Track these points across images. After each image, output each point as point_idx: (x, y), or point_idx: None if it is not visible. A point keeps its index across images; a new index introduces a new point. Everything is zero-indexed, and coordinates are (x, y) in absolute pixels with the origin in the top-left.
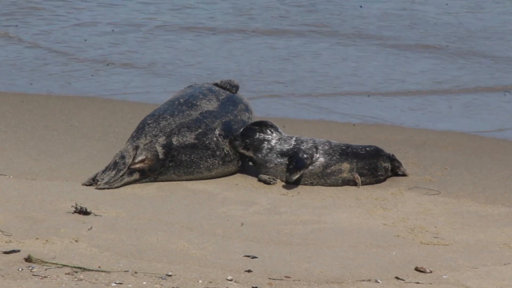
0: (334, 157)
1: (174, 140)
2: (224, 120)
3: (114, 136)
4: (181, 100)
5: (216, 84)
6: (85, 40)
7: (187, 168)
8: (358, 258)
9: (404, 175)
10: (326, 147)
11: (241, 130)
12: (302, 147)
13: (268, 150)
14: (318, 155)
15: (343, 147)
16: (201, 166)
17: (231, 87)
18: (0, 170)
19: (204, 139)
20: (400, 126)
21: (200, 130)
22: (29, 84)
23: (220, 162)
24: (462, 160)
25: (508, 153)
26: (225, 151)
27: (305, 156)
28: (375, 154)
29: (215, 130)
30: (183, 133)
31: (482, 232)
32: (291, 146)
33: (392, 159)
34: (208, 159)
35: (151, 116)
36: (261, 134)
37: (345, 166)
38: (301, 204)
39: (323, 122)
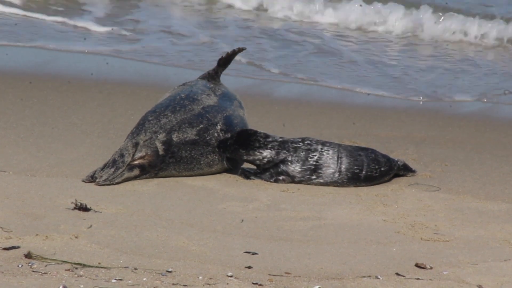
0: (340, 181)
1: (174, 137)
2: (225, 114)
3: (113, 133)
4: (182, 95)
5: (218, 62)
6: (85, 38)
7: (188, 164)
8: (358, 255)
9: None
10: (331, 171)
11: (229, 151)
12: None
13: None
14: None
15: (356, 170)
16: (202, 162)
17: (235, 51)
18: (0, 167)
19: (205, 135)
20: (400, 123)
21: (201, 126)
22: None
23: (220, 158)
24: (462, 157)
25: (508, 149)
26: None
27: (275, 177)
28: (386, 173)
29: (216, 125)
30: (183, 130)
31: (482, 228)
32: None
33: (403, 168)
34: (209, 155)
35: (152, 113)
36: (249, 156)
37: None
38: (301, 201)
39: (323, 118)
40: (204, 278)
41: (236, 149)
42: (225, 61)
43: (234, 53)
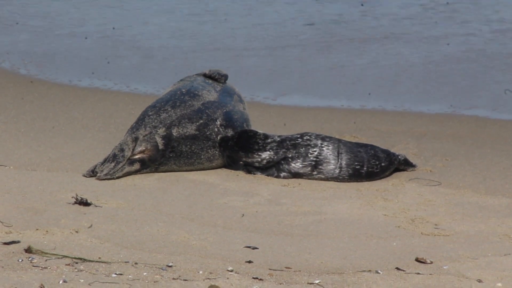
0: (341, 178)
1: (174, 132)
2: (225, 110)
3: (114, 127)
4: (183, 90)
5: (204, 75)
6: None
7: (188, 159)
8: (359, 249)
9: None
10: (331, 166)
11: (230, 151)
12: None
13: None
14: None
15: (356, 166)
16: (202, 157)
17: (220, 77)
18: (1, 161)
19: (205, 130)
20: (401, 117)
21: (201, 121)
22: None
23: (221, 153)
24: (463, 151)
25: (508, 144)
26: None
27: (277, 174)
28: (386, 168)
29: (216, 121)
30: (183, 125)
31: (482, 223)
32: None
33: (404, 163)
34: (209, 150)
35: (152, 107)
36: (248, 158)
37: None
38: (302, 195)
39: (325, 111)
40: (205, 272)
41: (236, 151)
42: (209, 76)
43: (214, 78)
